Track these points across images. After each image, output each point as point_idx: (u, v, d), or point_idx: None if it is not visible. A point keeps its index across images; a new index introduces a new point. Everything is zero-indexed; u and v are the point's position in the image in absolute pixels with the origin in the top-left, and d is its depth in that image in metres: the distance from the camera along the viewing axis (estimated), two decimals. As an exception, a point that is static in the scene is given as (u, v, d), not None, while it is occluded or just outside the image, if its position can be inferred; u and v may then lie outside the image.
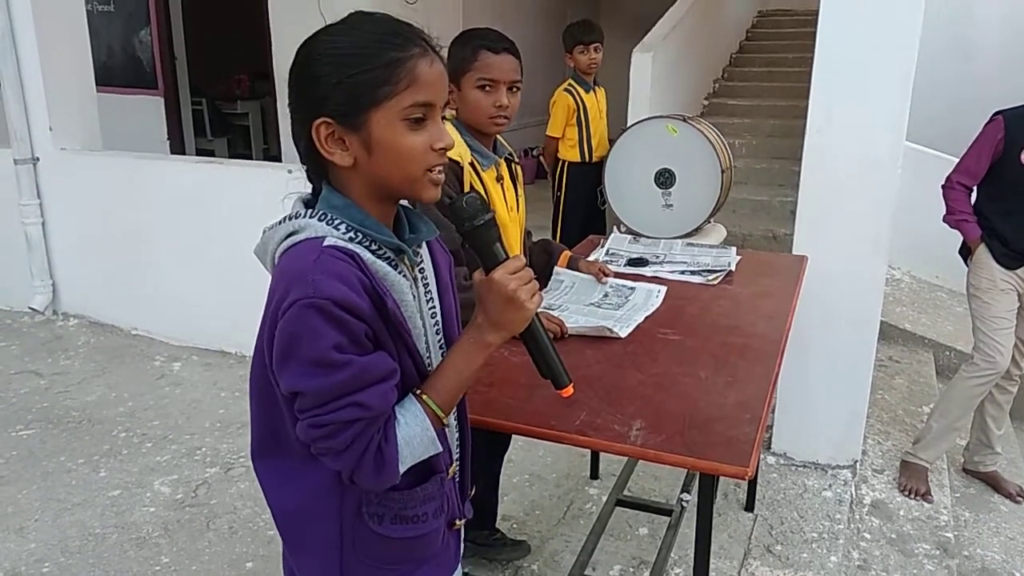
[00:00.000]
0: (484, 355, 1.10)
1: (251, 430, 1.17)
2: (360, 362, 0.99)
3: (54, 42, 4.22)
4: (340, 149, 1.04)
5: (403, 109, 1.02)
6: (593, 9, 9.39)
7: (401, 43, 1.02)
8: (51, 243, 4.47)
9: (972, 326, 3.02)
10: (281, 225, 1.07)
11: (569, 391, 1.19)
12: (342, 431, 1.00)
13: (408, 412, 1.07)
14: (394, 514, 1.13)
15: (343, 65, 1.01)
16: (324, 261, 0.99)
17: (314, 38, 1.06)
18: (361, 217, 1.06)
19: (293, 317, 0.97)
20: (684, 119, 3.44)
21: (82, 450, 3.13)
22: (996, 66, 7.62)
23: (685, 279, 2.39)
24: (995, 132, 2.85)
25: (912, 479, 3.04)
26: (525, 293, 1.07)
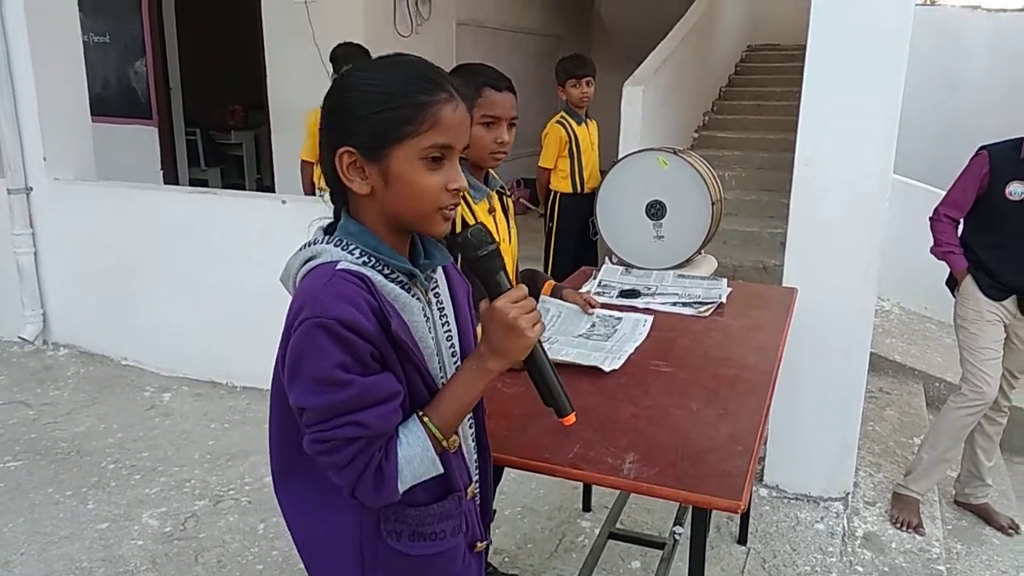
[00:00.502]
0: (485, 381, 1.14)
1: (270, 453, 1.21)
2: (363, 382, 1.03)
3: (50, 73, 4.25)
4: (359, 178, 1.10)
5: (423, 149, 1.08)
6: (584, 43, 9.51)
7: (429, 87, 1.08)
8: (43, 273, 4.46)
9: (960, 357, 3.04)
10: (301, 251, 1.14)
11: (571, 419, 1.21)
12: (343, 448, 1.04)
13: (410, 432, 1.10)
14: (412, 531, 1.16)
15: (372, 102, 1.07)
16: (334, 283, 1.04)
17: (351, 72, 1.12)
18: (375, 243, 1.11)
19: (301, 335, 1.02)
20: (675, 151, 3.48)
21: (70, 482, 3.10)
22: (981, 99, 7.76)
23: (677, 311, 2.40)
24: (980, 167, 2.90)
25: (904, 511, 3.03)
26: (526, 321, 1.11)
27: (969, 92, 8.11)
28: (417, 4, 6.28)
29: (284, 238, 4.11)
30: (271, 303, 4.12)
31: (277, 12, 5.97)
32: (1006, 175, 2.84)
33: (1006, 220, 2.86)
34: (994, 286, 2.93)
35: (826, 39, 2.69)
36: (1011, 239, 2.86)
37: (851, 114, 2.70)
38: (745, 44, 8.51)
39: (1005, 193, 2.83)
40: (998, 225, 2.89)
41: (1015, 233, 2.85)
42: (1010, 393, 3.07)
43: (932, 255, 3.07)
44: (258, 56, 6.20)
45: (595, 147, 4.32)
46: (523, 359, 1.15)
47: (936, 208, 3.03)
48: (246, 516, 2.88)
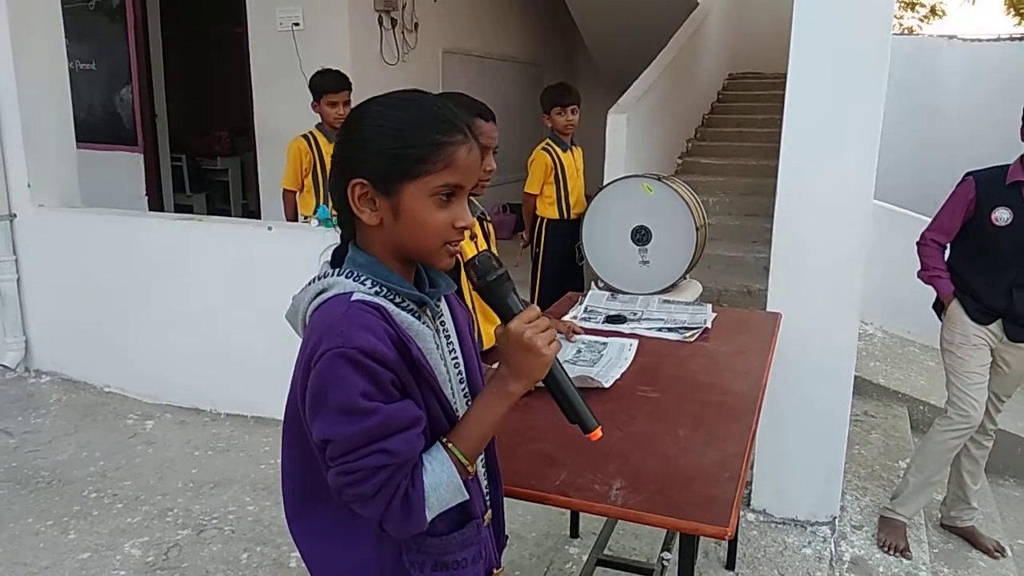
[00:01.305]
0: (507, 404, 1.14)
1: (284, 491, 1.21)
2: (387, 410, 1.04)
3: (36, 99, 4.25)
4: (369, 209, 1.11)
5: (435, 187, 1.09)
6: (569, 71, 9.62)
7: (447, 128, 1.10)
8: (25, 300, 4.42)
9: (946, 380, 3.06)
10: (310, 286, 1.14)
11: (598, 434, 1.21)
12: (370, 477, 1.03)
13: (435, 459, 1.10)
14: (434, 561, 1.16)
15: (390, 137, 1.09)
16: (352, 314, 1.05)
17: (369, 104, 1.14)
18: (385, 273, 1.12)
19: (323, 366, 1.02)
20: (659, 178, 3.52)
21: (51, 511, 3.05)
22: (958, 126, 7.90)
23: (662, 336, 2.42)
24: (966, 192, 2.94)
25: (891, 535, 3.04)
26: (542, 340, 1.12)
27: (946, 119, 8.26)
28: (403, 32, 6.35)
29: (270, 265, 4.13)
30: (256, 330, 4.11)
31: (264, 39, 6.01)
32: (992, 201, 2.88)
33: (992, 245, 2.89)
34: (980, 310, 2.95)
35: (806, 68, 2.74)
36: (997, 264, 2.89)
37: (832, 141, 2.74)
38: (727, 72, 8.64)
39: (991, 219, 2.87)
40: (984, 250, 2.92)
41: (1001, 258, 2.88)
42: (996, 416, 3.09)
43: (919, 279, 3.10)
44: (245, 83, 6.23)
45: (581, 174, 4.35)
46: (543, 378, 1.16)
47: (923, 233, 3.07)
48: (229, 545, 2.84)
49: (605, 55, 8.36)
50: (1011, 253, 2.86)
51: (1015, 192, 2.85)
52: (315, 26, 5.81)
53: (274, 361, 3.87)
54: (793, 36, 2.73)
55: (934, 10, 17.40)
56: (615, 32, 7.75)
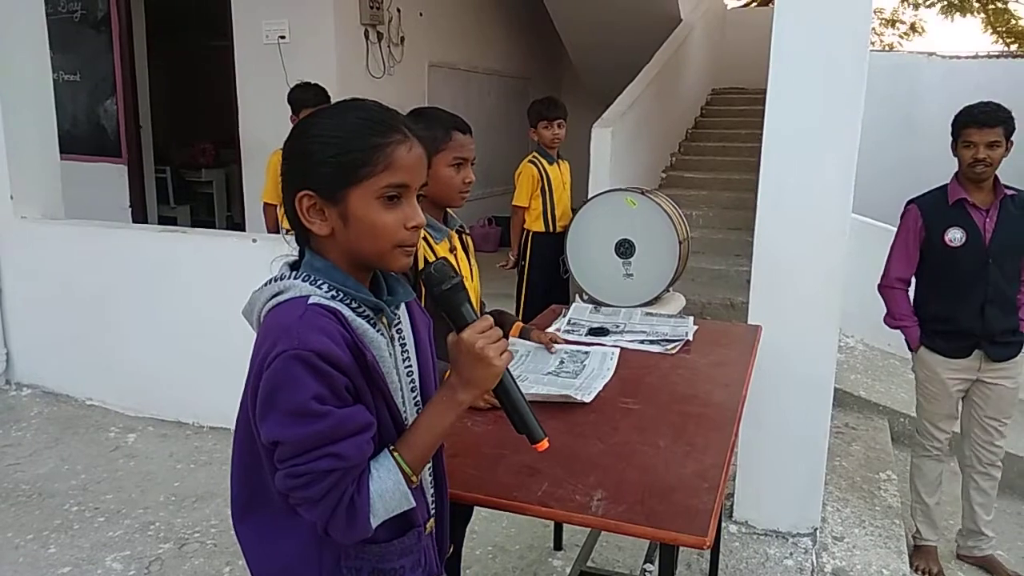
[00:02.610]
0: (455, 413, 1.15)
1: (232, 493, 1.20)
2: (338, 414, 1.04)
3: (19, 110, 4.23)
4: (319, 219, 1.12)
5: (379, 189, 1.10)
6: (554, 85, 9.69)
7: (382, 130, 1.11)
8: (7, 311, 4.39)
9: (916, 404, 3.16)
10: (267, 286, 1.14)
11: (544, 445, 1.23)
12: (318, 481, 1.04)
13: (382, 467, 1.11)
14: (372, 567, 1.16)
15: (328, 146, 1.10)
16: (309, 317, 1.06)
17: (308, 118, 1.16)
18: (342, 278, 1.13)
19: (277, 368, 1.02)
20: (642, 192, 3.56)
21: (31, 525, 3.03)
22: (937, 142, 7.98)
23: (644, 348, 2.44)
24: (914, 221, 2.99)
25: (922, 560, 3.16)
26: (493, 351, 1.13)
27: (925, 135, 8.37)
28: (390, 46, 6.38)
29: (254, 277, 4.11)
30: (240, 343, 4.10)
31: (250, 52, 6.02)
32: (941, 224, 2.92)
33: (952, 267, 2.93)
34: (956, 347, 2.99)
35: (785, 84, 2.78)
36: (963, 285, 2.93)
37: (810, 156, 2.78)
38: (710, 87, 8.73)
39: (944, 241, 2.91)
40: (946, 274, 2.96)
41: (965, 278, 2.92)
42: (1001, 442, 3.08)
43: (886, 325, 3.15)
44: (230, 95, 6.23)
45: (567, 187, 4.39)
46: (493, 388, 1.18)
47: (884, 274, 3.10)
48: (212, 559, 2.83)
49: (590, 70, 8.43)
50: (973, 271, 2.90)
51: (961, 211, 2.90)
52: (301, 39, 5.83)
53: (258, 373, 3.89)
54: (772, 52, 2.77)
55: (914, 27, 17.63)
56: (600, 47, 7.82)
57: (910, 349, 3.13)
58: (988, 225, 2.88)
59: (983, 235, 2.88)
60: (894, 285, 3.07)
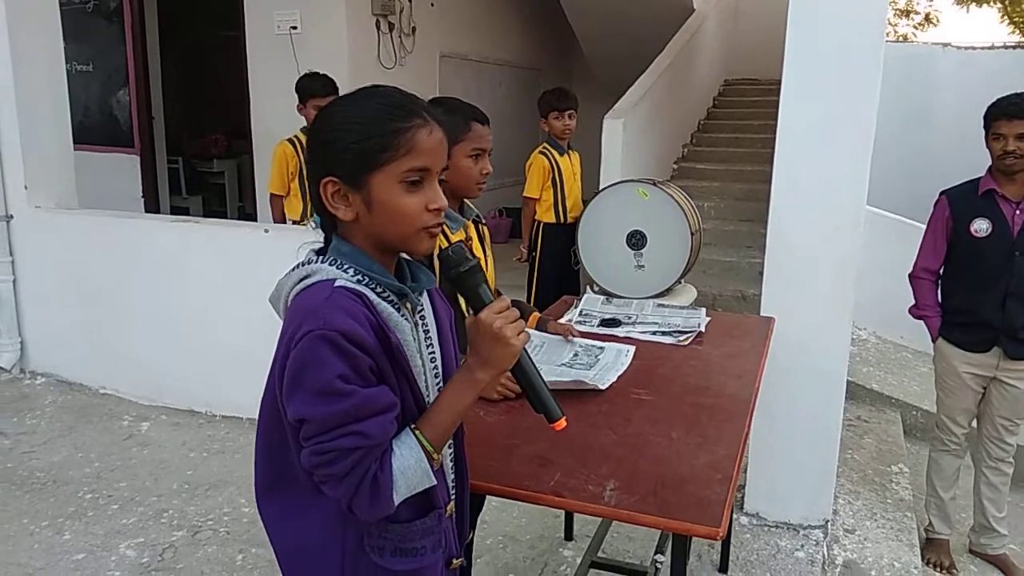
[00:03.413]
0: (474, 392, 1.17)
1: (255, 471, 1.23)
2: (363, 393, 1.06)
3: (33, 101, 4.25)
4: (344, 205, 1.15)
5: (401, 173, 1.12)
6: (565, 75, 9.65)
7: (403, 115, 1.13)
8: (21, 301, 4.42)
9: (936, 398, 3.16)
10: (294, 271, 1.17)
11: (562, 424, 1.24)
12: (342, 458, 1.06)
13: (404, 444, 1.13)
14: (394, 547, 1.19)
15: (350, 133, 1.12)
16: (335, 298, 1.08)
17: (330, 105, 1.18)
18: (368, 263, 1.15)
19: (304, 347, 1.05)
20: (654, 183, 3.54)
21: (46, 512, 3.05)
22: (952, 134, 7.95)
23: (657, 340, 2.43)
24: (942, 211, 2.99)
25: (934, 553, 3.16)
26: (511, 330, 1.15)
27: (940, 126, 8.32)
28: (401, 37, 6.37)
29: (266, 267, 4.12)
30: (252, 332, 4.11)
31: (262, 43, 6.03)
32: (968, 214, 2.91)
33: (977, 258, 2.92)
34: (976, 339, 2.97)
35: (800, 75, 2.76)
36: (986, 277, 2.90)
37: (825, 147, 2.76)
38: (723, 78, 8.68)
39: (970, 231, 2.90)
40: (970, 265, 2.94)
41: (988, 270, 2.89)
42: (1009, 439, 3.06)
43: (910, 315, 3.14)
44: (242, 86, 6.24)
45: (577, 178, 4.38)
46: (510, 368, 1.19)
47: (915, 264, 3.09)
48: (225, 547, 2.85)
49: (601, 60, 8.40)
50: (997, 263, 2.88)
51: (990, 202, 2.88)
52: (313, 30, 5.83)
53: (269, 363, 3.91)
54: (787, 43, 2.75)
55: (928, 18, 17.49)
56: (611, 38, 7.78)
57: (932, 340, 3.12)
58: (1017, 218, 2.85)
59: (1011, 227, 2.85)
60: (921, 275, 3.07)
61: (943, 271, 3.06)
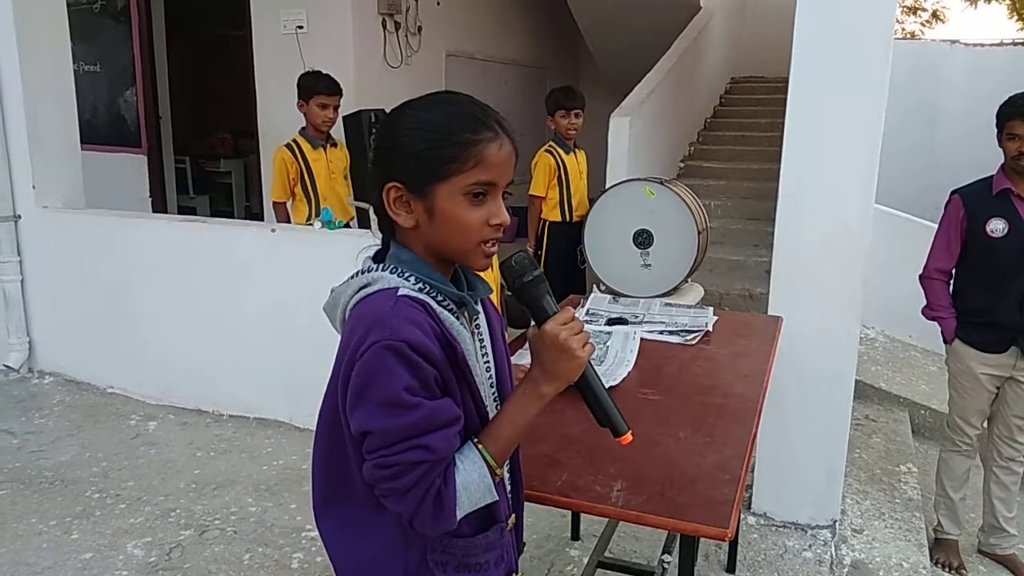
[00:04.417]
0: (539, 406, 1.15)
1: (314, 487, 1.21)
2: (429, 406, 1.04)
3: (41, 101, 4.26)
4: (405, 211, 1.13)
5: (467, 185, 1.10)
6: (572, 74, 9.63)
7: (475, 126, 1.11)
8: (29, 300, 4.44)
9: (949, 398, 3.13)
10: (353, 280, 1.14)
11: (628, 438, 1.21)
12: (407, 472, 1.04)
13: (467, 459, 1.11)
14: (458, 562, 1.17)
15: (420, 140, 1.10)
16: (400, 308, 1.06)
17: (401, 109, 1.15)
18: (428, 271, 1.13)
19: (370, 357, 1.02)
20: (661, 181, 3.53)
21: (54, 511, 3.06)
22: (960, 132, 7.91)
23: (664, 339, 2.42)
24: (956, 211, 2.95)
25: (943, 553, 3.15)
26: (576, 342, 1.12)
27: (948, 124, 8.27)
28: (407, 35, 6.37)
29: (273, 267, 4.14)
30: (259, 331, 4.11)
31: (268, 42, 6.03)
32: (984, 214, 2.88)
33: (993, 258, 2.89)
34: (992, 340, 2.94)
35: (808, 72, 2.75)
36: (1003, 277, 2.88)
37: (833, 146, 2.75)
38: (730, 76, 8.65)
39: (986, 231, 2.87)
40: (986, 265, 2.91)
41: (1005, 270, 2.87)
42: (1021, 439, 3.03)
43: (923, 316, 3.11)
44: (248, 86, 6.25)
45: (583, 176, 4.37)
46: (575, 381, 1.16)
47: (925, 265, 3.05)
48: (232, 546, 2.85)
49: (608, 59, 8.38)
50: (1014, 263, 2.85)
51: (1005, 201, 2.85)
52: (319, 29, 5.83)
53: (276, 363, 3.91)
54: (795, 40, 2.74)
55: (936, 15, 17.41)
56: (618, 36, 7.77)
57: (945, 341, 3.09)
58: None
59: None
60: (933, 276, 3.03)
61: (955, 271, 3.03)
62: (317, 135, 3.98)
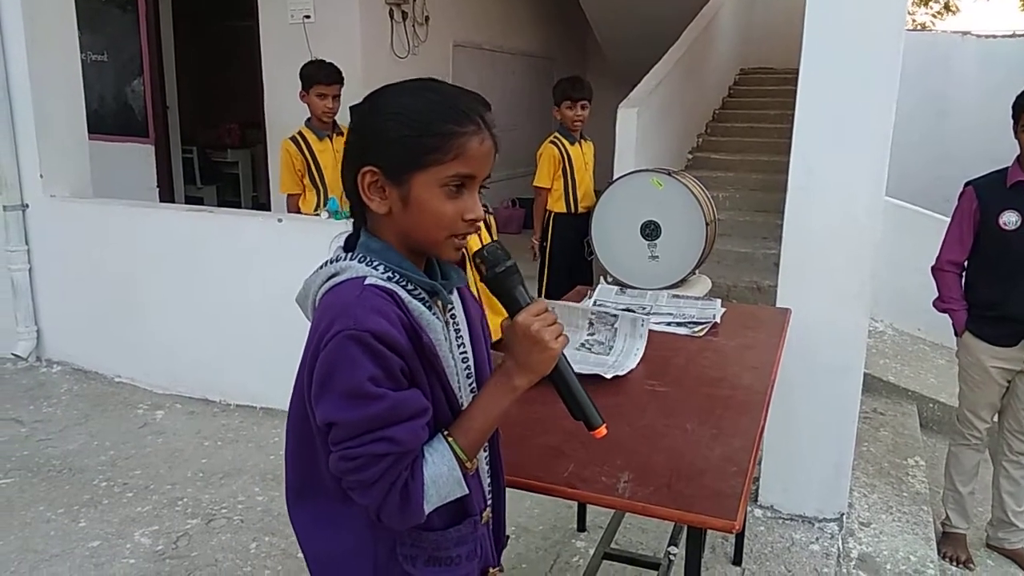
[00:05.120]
0: (511, 398, 1.13)
1: (286, 477, 1.20)
2: (394, 397, 1.03)
3: (48, 90, 4.27)
4: (379, 197, 1.11)
5: (445, 177, 1.08)
6: (579, 65, 9.60)
7: (459, 118, 1.08)
8: (37, 289, 4.45)
9: (959, 391, 3.11)
10: (323, 269, 1.13)
11: (602, 432, 1.20)
12: (372, 464, 1.02)
13: (436, 452, 1.09)
14: (428, 555, 1.15)
15: (401, 126, 1.07)
16: (366, 297, 1.04)
17: (383, 92, 1.12)
18: (398, 259, 1.11)
19: (333, 347, 1.01)
20: (669, 173, 3.51)
21: (62, 500, 3.08)
22: (971, 124, 7.85)
23: (671, 330, 2.41)
24: (969, 203, 2.92)
25: (950, 547, 3.14)
26: (549, 334, 1.10)
27: (959, 116, 8.21)
28: (414, 26, 6.35)
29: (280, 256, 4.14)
30: (266, 321, 4.12)
31: (275, 32, 6.03)
32: (996, 206, 2.85)
33: (1005, 251, 2.86)
34: (1004, 333, 2.91)
35: (819, 64, 2.73)
36: (1014, 269, 2.85)
37: (844, 138, 2.72)
38: (738, 67, 8.60)
39: (999, 224, 2.84)
40: (999, 258, 2.88)
41: (1016, 262, 2.84)
42: None
43: (935, 308, 3.08)
44: (256, 75, 6.24)
45: (589, 167, 4.35)
46: (549, 373, 1.15)
47: (938, 257, 3.03)
48: (239, 535, 2.86)
49: (616, 49, 8.34)
50: None
51: (1019, 194, 2.83)
52: (326, 19, 5.81)
53: (283, 352, 3.90)
54: (805, 31, 2.72)
55: (948, 6, 17.28)
56: (626, 26, 7.73)
57: (956, 334, 3.06)
58: None
59: None
60: (945, 268, 3.01)
61: (967, 264, 3.01)
62: (321, 125, 3.96)
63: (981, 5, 23.17)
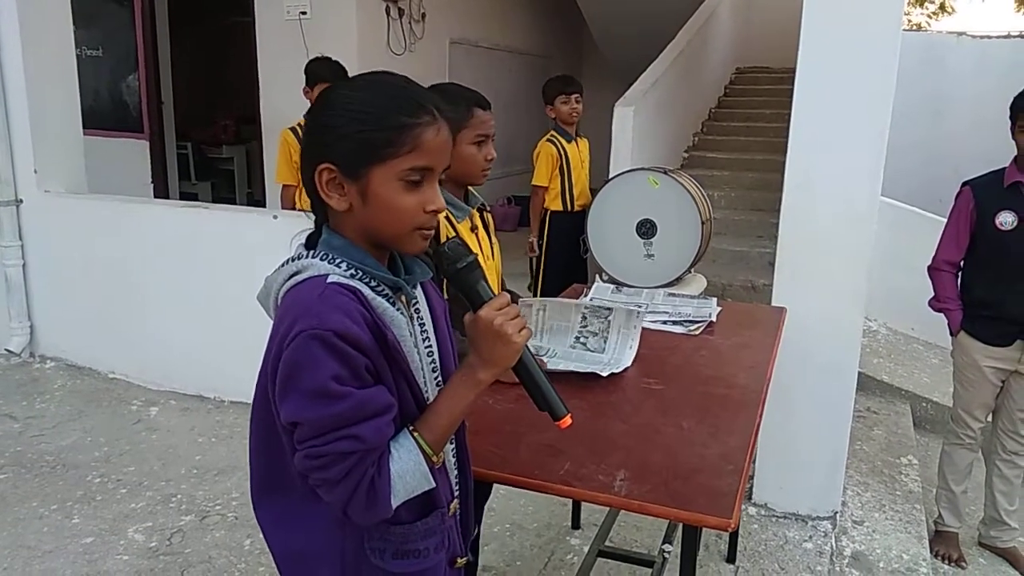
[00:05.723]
0: (475, 393, 1.13)
1: (251, 474, 1.19)
2: (358, 395, 1.02)
3: (43, 86, 4.25)
4: (338, 194, 1.09)
5: (403, 170, 1.07)
6: (575, 63, 9.60)
7: (413, 109, 1.07)
8: (31, 285, 4.44)
9: (953, 391, 3.12)
10: (284, 267, 1.12)
11: (567, 422, 1.21)
12: (337, 463, 1.02)
13: (402, 447, 1.09)
14: (396, 548, 1.15)
15: (354, 120, 1.06)
16: (328, 296, 1.03)
17: (335, 88, 1.12)
18: (360, 256, 1.11)
19: (296, 347, 1.00)
20: (665, 171, 3.51)
21: (55, 496, 3.07)
22: (967, 124, 7.88)
23: (667, 329, 2.42)
24: (966, 203, 2.93)
25: (942, 545, 3.15)
26: (512, 327, 1.11)
27: (955, 116, 8.23)
28: (411, 23, 6.34)
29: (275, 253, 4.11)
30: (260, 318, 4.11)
31: (271, 28, 6.01)
32: (993, 206, 2.85)
33: (1001, 252, 2.86)
34: (999, 333, 2.92)
35: (815, 63, 2.73)
36: (1010, 270, 2.86)
37: (840, 138, 2.73)
38: (734, 66, 8.60)
39: (995, 224, 2.84)
40: (995, 258, 2.89)
41: (1013, 262, 2.85)
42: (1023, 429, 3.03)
43: (930, 307, 3.09)
44: (251, 72, 6.23)
45: (585, 165, 4.34)
46: (512, 366, 1.16)
47: (934, 257, 3.03)
48: (233, 532, 2.86)
49: (612, 48, 8.33)
50: (1022, 257, 2.83)
51: (1015, 194, 2.83)
52: (322, 15, 5.80)
53: (278, 350, 3.90)
54: (802, 31, 2.72)
55: (943, 6, 17.32)
56: (622, 24, 7.72)
57: (951, 334, 3.07)
58: None
59: None
60: (941, 267, 3.01)
61: (963, 263, 3.01)
62: None
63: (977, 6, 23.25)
